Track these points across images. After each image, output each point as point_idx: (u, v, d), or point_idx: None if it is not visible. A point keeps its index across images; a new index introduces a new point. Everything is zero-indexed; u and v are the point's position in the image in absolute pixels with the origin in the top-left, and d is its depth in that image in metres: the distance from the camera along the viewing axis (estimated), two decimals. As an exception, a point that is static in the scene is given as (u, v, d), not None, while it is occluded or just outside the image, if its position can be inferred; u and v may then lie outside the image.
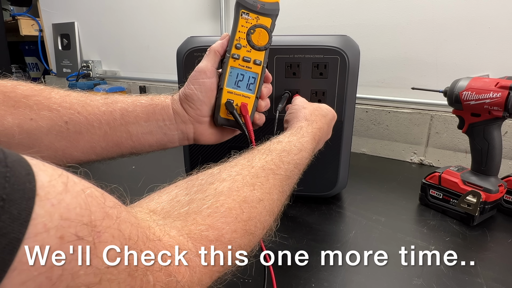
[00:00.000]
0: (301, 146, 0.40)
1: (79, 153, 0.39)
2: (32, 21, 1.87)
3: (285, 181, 0.35)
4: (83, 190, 0.18)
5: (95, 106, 0.40)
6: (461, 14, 0.77)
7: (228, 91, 0.43)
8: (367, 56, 0.88)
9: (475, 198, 0.55)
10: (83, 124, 0.38)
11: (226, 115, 0.43)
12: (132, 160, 0.88)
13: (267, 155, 0.36)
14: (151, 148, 0.44)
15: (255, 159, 0.35)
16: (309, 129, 0.43)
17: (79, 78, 1.63)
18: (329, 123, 0.49)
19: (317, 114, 0.47)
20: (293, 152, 0.38)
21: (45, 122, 0.36)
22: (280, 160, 0.36)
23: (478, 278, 0.44)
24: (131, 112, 0.41)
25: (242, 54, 0.43)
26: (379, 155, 0.94)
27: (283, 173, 0.35)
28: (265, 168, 0.34)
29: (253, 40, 0.42)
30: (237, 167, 0.33)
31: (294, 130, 0.42)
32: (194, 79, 0.43)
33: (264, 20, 0.43)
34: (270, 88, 0.47)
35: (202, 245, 0.24)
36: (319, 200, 0.66)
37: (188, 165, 0.68)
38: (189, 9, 1.26)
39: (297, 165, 0.38)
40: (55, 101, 0.38)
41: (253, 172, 0.32)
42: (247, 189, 0.30)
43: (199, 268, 0.24)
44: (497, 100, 0.52)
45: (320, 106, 0.50)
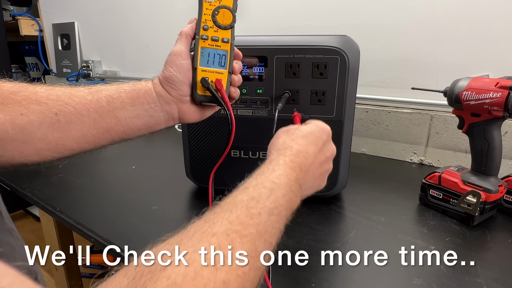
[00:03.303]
0: (271, 184, 0.34)
1: (72, 143, 0.40)
2: (32, 21, 1.87)
3: (258, 239, 0.30)
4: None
5: (81, 96, 0.41)
6: (461, 14, 0.77)
7: (202, 70, 0.46)
8: (367, 56, 0.88)
9: (475, 198, 0.55)
10: (72, 113, 0.39)
11: (203, 92, 0.46)
12: (132, 160, 0.88)
13: (231, 212, 0.30)
14: (139, 132, 0.45)
15: (217, 222, 0.29)
16: (280, 159, 0.38)
17: (79, 78, 1.63)
18: (315, 142, 0.42)
19: (292, 139, 0.41)
20: (263, 197, 0.32)
21: (35, 115, 0.37)
22: (247, 215, 0.30)
23: (478, 278, 0.44)
24: (117, 98, 0.42)
25: (210, 35, 0.46)
26: (379, 155, 0.94)
27: (253, 231, 0.29)
28: (229, 232, 0.28)
29: (218, 20, 0.45)
30: (194, 238, 0.27)
31: (263, 167, 0.37)
32: (171, 61, 0.44)
33: (226, 1, 0.46)
34: (241, 65, 0.49)
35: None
36: (319, 200, 0.66)
37: (188, 165, 0.68)
38: (189, 9, 1.26)
39: (271, 211, 0.32)
40: (42, 95, 0.39)
41: (214, 243, 0.27)
42: (207, 272, 0.25)
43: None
44: (497, 100, 0.52)
45: (298, 128, 0.43)
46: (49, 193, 0.68)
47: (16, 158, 0.37)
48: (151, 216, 0.60)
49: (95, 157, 0.90)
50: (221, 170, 0.66)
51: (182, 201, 0.68)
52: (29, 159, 0.38)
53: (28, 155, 0.38)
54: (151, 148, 1.00)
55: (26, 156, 0.38)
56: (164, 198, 0.68)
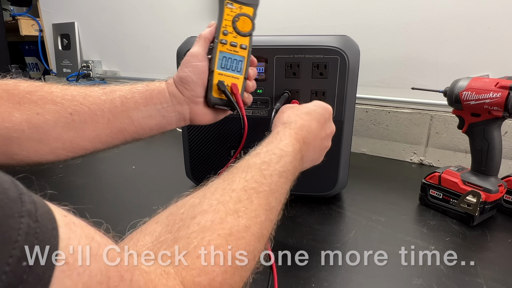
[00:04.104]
0: (280, 152, 0.38)
1: (86, 142, 0.40)
2: (32, 21, 1.87)
3: (271, 196, 0.34)
4: (106, 254, 0.19)
5: (95, 96, 0.41)
6: (461, 14, 0.77)
7: (218, 73, 0.46)
8: (367, 56, 0.88)
9: (475, 198, 0.55)
10: (87, 113, 0.40)
11: (219, 95, 0.47)
12: (132, 160, 0.88)
13: (247, 173, 0.34)
14: (151, 132, 0.46)
15: (235, 180, 0.33)
16: (286, 131, 0.41)
17: (79, 78, 1.63)
18: (318, 119, 0.46)
19: (297, 114, 0.45)
20: (273, 162, 0.36)
21: (51, 115, 0.38)
22: (261, 175, 0.34)
23: (478, 278, 0.44)
24: (130, 98, 0.43)
25: (229, 40, 0.47)
26: (379, 155, 0.94)
27: (267, 189, 0.34)
28: (246, 188, 0.32)
29: (238, 27, 0.47)
30: (217, 193, 0.31)
31: (271, 137, 0.41)
32: (187, 62, 0.45)
33: (247, 10, 0.47)
34: (255, 71, 0.50)
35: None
36: (319, 200, 0.66)
37: (188, 165, 0.68)
38: (189, 9, 1.26)
39: (281, 174, 0.36)
40: (57, 95, 0.39)
41: (234, 197, 0.31)
42: (231, 218, 0.29)
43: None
44: (497, 100, 0.52)
45: (304, 105, 0.48)
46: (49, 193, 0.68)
47: (32, 157, 0.38)
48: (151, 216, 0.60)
49: (95, 157, 0.90)
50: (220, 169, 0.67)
51: (182, 201, 0.68)
52: (44, 158, 0.39)
53: (44, 154, 0.38)
54: (151, 148, 1.00)
55: (42, 155, 0.38)
56: (164, 198, 0.67)
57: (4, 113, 0.35)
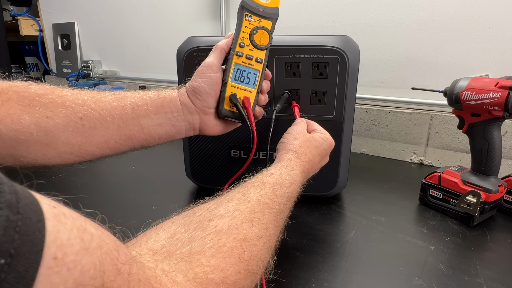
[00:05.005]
0: (291, 179, 0.41)
1: (94, 148, 0.40)
2: (32, 21, 1.87)
3: (279, 215, 0.36)
4: (100, 247, 0.17)
5: (106, 102, 0.41)
6: (461, 14, 0.77)
7: (232, 85, 0.46)
8: (367, 56, 0.88)
9: (475, 198, 0.55)
10: (97, 119, 0.39)
11: (230, 107, 0.46)
12: (132, 160, 0.88)
13: (261, 189, 0.36)
14: (160, 140, 0.46)
15: (249, 193, 0.35)
16: (297, 162, 0.44)
17: (79, 78, 1.63)
18: (321, 154, 0.49)
19: (307, 146, 0.47)
20: (285, 185, 0.39)
21: (61, 119, 0.37)
22: (273, 194, 0.36)
23: (478, 278, 0.44)
24: (141, 106, 0.42)
25: (245, 52, 0.46)
26: (379, 155, 0.94)
27: (277, 207, 0.36)
28: (260, 202, 0.34)
29: (255, 40, 0.46)
30: (233, 201, 0.33)
31: (284, 162, 0.43)
32: (201, 73, 0.45)
33: (265, 23, 0.46)
34: (269, 84, 0.51)
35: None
36: (319, 200, 0.66)
37: (188, 165, 0.68)
38: (189, 9, 1.26)
39: (289, 199, 0.39)
40: (68, 99, 0.39)
41: (249, 207, 0.33)
42: (246, 225, 0.30)
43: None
44: (497, 100, 0.52)
45: (313, 136, 0.49)
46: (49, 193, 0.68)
47: (39, 160, 0.38)
48: (151, 216, 0.60)
49: (95, 157, 0.90)
50: (221, 170, 0.67)
51: (182, 201, 0.68)
52: (51, 161, 0.38)
53: (51, 157, 0.38)
54: (151, 148, 0.99)
55: (49, 158, 0.38)
56: (164, 198, 0.68)
57: (14, 115, 0.35)
